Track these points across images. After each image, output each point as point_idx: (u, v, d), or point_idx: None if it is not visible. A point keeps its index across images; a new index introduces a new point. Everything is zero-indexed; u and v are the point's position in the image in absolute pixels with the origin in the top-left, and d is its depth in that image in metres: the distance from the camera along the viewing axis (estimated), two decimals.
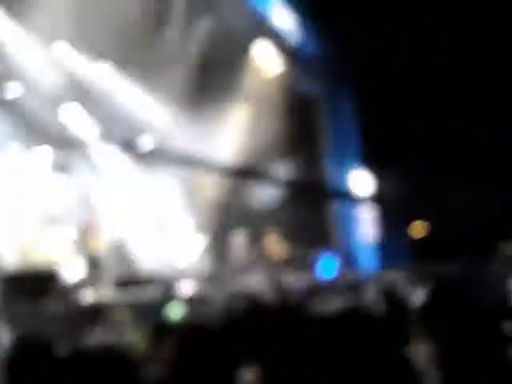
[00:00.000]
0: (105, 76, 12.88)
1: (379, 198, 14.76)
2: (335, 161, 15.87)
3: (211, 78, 13.35)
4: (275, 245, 13.53)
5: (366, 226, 14.34)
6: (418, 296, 4.65)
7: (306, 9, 14.25)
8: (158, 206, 14.14)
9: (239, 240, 13.28)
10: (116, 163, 13.01)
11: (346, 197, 14.50)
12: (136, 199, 13.83)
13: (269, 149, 13.99)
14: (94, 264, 9.99)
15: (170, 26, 12.43)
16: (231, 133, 14.08)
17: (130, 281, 9.71)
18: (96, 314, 7.20)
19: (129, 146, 13.23)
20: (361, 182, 16.49)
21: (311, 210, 14.21)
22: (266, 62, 14.43)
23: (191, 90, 13.23)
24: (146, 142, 13.59)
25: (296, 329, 2.35)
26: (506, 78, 12.21)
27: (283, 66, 14.81)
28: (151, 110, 13.38)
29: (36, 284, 7.31)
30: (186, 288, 10.57)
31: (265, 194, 14.73)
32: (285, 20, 14.27)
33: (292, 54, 14.98)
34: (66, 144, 12.22)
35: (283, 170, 15.97)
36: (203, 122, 13.28)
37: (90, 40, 11.31)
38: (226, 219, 13.75)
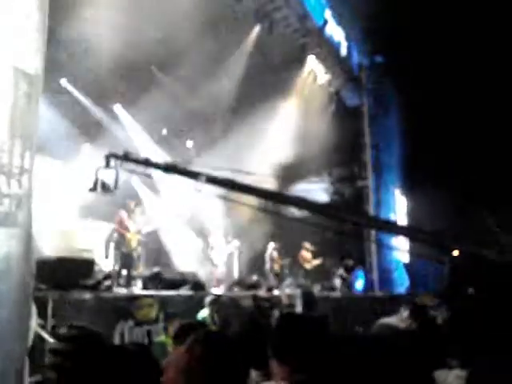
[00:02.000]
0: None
1: (414, 223, 14.55)
2: (376, 178, 15.78)
3: (263, 82, 13.46)
4: (308, 256, 13.48)
5: (401, 248, 14.17)
6: (443, 315, 4.70)
7: (356, 22, 14.27)
8: (195, 210, 14.23)
9: (273, 249, 13.27)
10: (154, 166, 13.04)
11: (383, 218, 14.32)
12: (173, 200, 13.96)
13: (312, 158, 13.99)
14: (128, 258, 10.07)
15: (225, 30, 12.44)
16: (279, 133, 14.12)
17: (163, 278, 9.74)
18: (127, 307, 7.28)
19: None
20: (398, 204, 16.36)
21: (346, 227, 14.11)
22: (316, 70, 14.48)
23: (243, 92, 13.32)
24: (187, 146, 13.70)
25: (320, 342, 2.34)
26: None
27: (331, 75, 14.84)
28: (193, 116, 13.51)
29: (70, 272, 7.40)
30: (216, 290, 10.60)
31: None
32: (335, 31, 14.29)
33: (340, 64, 15.02)
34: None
35: (325, 181, 16.01)
36: (253, 122, 13.29)
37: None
38: (260, 228, 13.73)
